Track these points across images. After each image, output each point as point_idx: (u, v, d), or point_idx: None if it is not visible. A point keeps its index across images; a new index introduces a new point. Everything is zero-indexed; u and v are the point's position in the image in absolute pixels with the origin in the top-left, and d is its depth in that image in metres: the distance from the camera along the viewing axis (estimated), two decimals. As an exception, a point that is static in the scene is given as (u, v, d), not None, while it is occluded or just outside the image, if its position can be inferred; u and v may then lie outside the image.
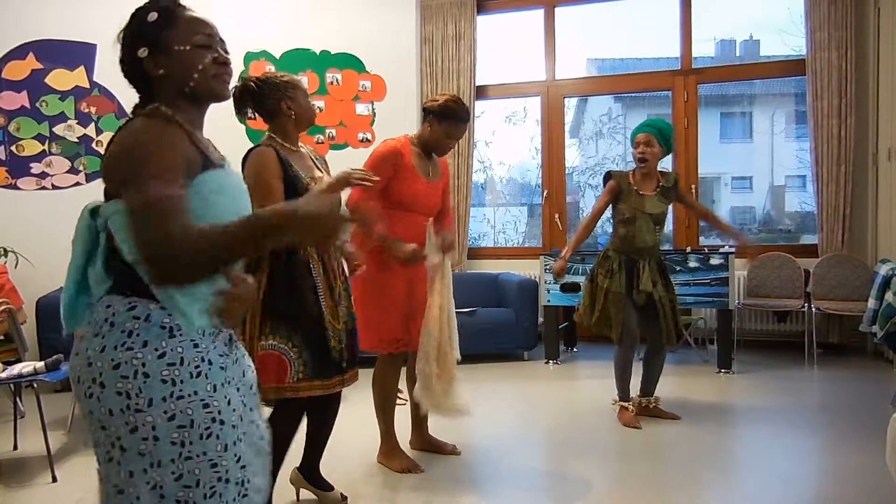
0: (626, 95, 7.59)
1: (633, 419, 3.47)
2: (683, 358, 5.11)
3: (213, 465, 1.24)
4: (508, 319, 5.04)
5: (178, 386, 1.21)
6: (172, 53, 1.29)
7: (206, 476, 1.23)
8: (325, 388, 2.29)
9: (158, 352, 1.22)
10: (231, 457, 1.27)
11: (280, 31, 5.59)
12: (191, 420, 1.21)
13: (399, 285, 2.81)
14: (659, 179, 3.47)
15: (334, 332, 2.29)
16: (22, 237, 4.91)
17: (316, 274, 2.29)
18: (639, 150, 3.38)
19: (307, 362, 2.23)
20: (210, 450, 1.23)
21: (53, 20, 5.25)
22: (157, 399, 1.20)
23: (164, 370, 1.21)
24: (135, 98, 1.37)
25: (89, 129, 5.33)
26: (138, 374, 1.20)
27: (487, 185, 6.96)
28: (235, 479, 1.28)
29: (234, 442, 1.28)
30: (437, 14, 5.75)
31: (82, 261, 1.30)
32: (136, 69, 1.32)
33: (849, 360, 4.87)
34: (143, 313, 1.23)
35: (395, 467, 2.92)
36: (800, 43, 5.43)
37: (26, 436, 3.39)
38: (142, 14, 1.31)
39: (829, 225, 5.08)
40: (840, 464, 2.96)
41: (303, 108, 2.35)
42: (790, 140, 7.67)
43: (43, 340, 4.42)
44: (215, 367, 1.28)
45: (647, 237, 3.42)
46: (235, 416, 1.30)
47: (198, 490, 1.23)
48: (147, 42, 1.29)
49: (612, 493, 2.69)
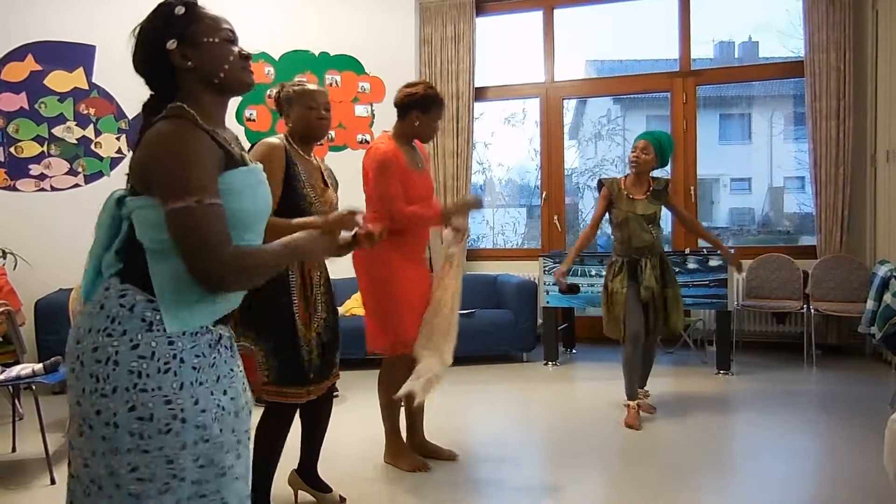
0: (625, 97, 7.59)
1: (635, 419, 3.50)
2: (682, 359, 5.11)
3: (168, 462, 1.25)
4: (507, 321, 5.04)
5: (144, 379, 1.24)
6: (202, 46, 1.33)
7: (161, 471, 1.25)
8: (291, 396, 2.26)
9: (132, 343, 1.24)
10: (188, 456, 1.27)
11: (279, 33, 5.59)
12: (150, 414, 1.23)
13: (407, 283, 2.80)
14: (650, 184, 3.63)
15: (306, 342, 2.27)
16: (21, 239, 4.90)
17: (293, 281, 2.27)
18: (634, 153, 3.58)
19: (272, 369, 2.23)
20: (167, 446, 1.25)
21: (52, 22, 5.25)
22: (121, 388, 1.23)
23: (133, 361, 1.24)
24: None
25: (88, 130, 5.33)
26: (110, 361, 1.23)
27: (486, 186, 6.96)
28: (192, 478, 1.28)
29: (195, 442, 1.28)
30: (436, 15, 5.76)
31: (104, 247, 1.34)
32: (160, 63, 1.34)
33: (847, 361, 4.88)
34: (130, 302, 1.27)
35: (405, 467, 2.91)
36: (798, 45, 5.45)
37: (25, 438, 3.39)
38: (168, 8, 1.34)
39: (828, 226, 5.08)
40: (838, 465, 2.97)
41: (300, 119, 2.37)
42: (789, 141, 7.68)
43: (41, 342, 4.42)
44: (187, 367, 1.28)
45: (644, 236, 3.56)
46: (204, 416, 1.29)
47: (151, 484, 1.25)
48: (175, 34, 1.33)
49: (610, 494, 2.69)
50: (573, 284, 4.78)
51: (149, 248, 1.29)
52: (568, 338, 5.39)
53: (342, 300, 5.10)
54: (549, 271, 4.94)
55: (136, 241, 1.30)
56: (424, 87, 2.87)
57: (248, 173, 1.37)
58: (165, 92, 1.36)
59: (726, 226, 8.45)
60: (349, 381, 4.08)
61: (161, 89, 1.37)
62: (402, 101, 2.87)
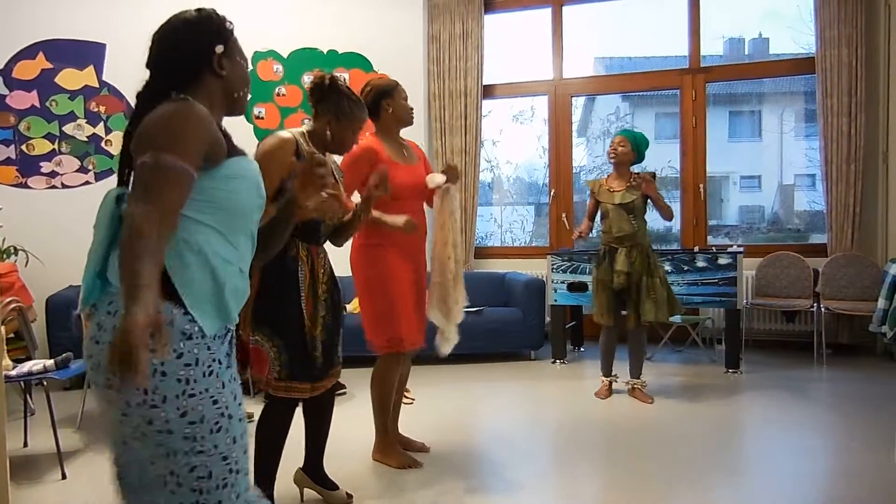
0: (633, 94, 7.56)
1: (602, 391, 4.03)
2: (691, 358, 5.09)
3: (224, 458, 1.31)
4: (515, 319, 5.03)
5: (192, 385, 1.27)
6: (235, 63, 1.44)
7: (218, 468, 1.30)
8: (299, 391, 2.27)
9: (177, 353, 1.26)
10: (240, 448, 1.34)
11: (288, 31, 5.61)
12: (202, 416, 1.28)
13: (401, 282, 2.82)
14: (631, 177, 3.86)
15: (312, 339, 2.28)
16: (32, 236, 4.94)
17: (302, 278, 2.27)
18: (611, 147, 3.93)
19: (284, 364, 2.23)
20: (220, 443, 1.30)
21: (63, 20, 5.29)
22: (171, 396, 1.25)
23: (180, 371, 1.26)
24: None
25: (98, 128, 5.36)
26: (157, 373, 1.24)
27: (494, 184, 6.95)
28: (244, 470, 1.36)
29: (242, 434, 1.35)
30: (444, 13, 5.75)
31: (103, 247, 1.33)
32: (192, 60, 1.39)
33: (858, 360, 4.84)
34: (168, 318, 1.25)
35: (394, 464, 2.94)
36: (809, 41, 5.40)
37: (36, 433, 3.42)
38: (219, 18, 1.44)
39: (839, 224, 5.04)
40: (849, 464, 2.95)
41: (341, 137, 2.37)
42: (799, 139, 7.62)
43: (53, 338, 4.46)
44: (223, 367, 1.34)
45: (624, 226, 3.83)
46: (241, 409, 1.37)
47: (211, 481, 1.29)
48: (223, 42, 1.42)
49: (619, 491, 2.69)
50: (581, 282, 4.79)
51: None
52: (576, 336, 5.38)
53: (350, 297, 5.11)
54: (556, 269, 4.94)
55: None
56: (373, 79, 2.96)
57: (246, 162, 1.41)
58: (174, 89, 1.37)
59: (736, 223, 8.40)
60: (356, 378, 4.09)
61: (176, 84, 1.38)
62: (367, 101, 2.74)
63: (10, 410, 3.46)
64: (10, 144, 5.26)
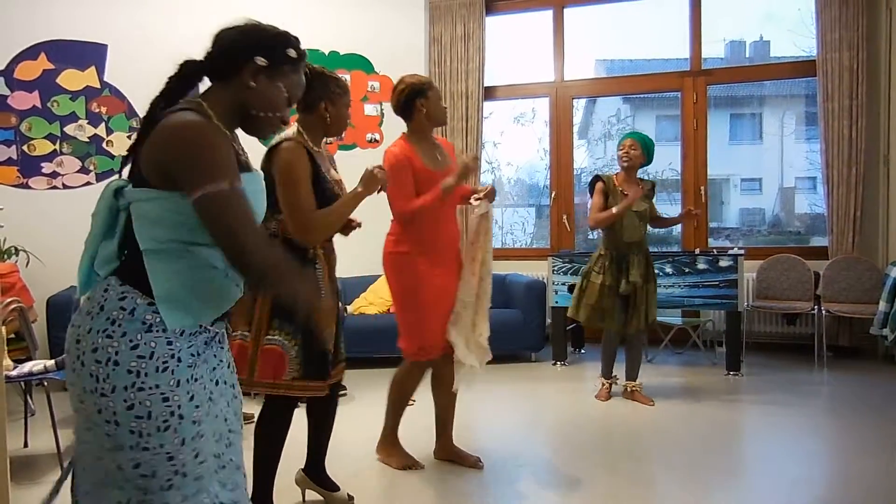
0: (635, 96, 7.56)
1: (602, 394, 4.00)
2: (692, 360, 5.09)
3: (169, 459, 1.28)
4: (516, 320, 5.03)
5: (142, 378, 1.26)
6: (273, 85, 1.40)
7: (163, 468, 1.27)
8: (314, 389, 2.29)
9: (132, 343, 1.26)
10: (189, 451, 1.30)
11: (289, 32, 5.60)
12: (149, 412, 1.26)
13: (434, 290, 2.77)
14: (640, 182, 3.84)
15: (329, 336, 2.31)
16: (33, 236, 4.94)
17: (321, 276, 2.29)
18: (623, 150, 3.81)
19: (303, 363, 2.24)
20: (167, 443, 1.27)
21: (65, 21, 5.29)
22: (120, 387, 1.25)
23: (132, 362, 1.26)
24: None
25: (100, 129, 5.36)
26: (110, 362, 1.25)
27: (495, 185, 6.93)
28: (194, 474, 1.31)
29: (193, 437, 1.31)
30: (445, 15, 5.76)
31: (100, 238, 1.35)
32: (234, 58, 1.38)
33: (859, 363, 4.84)
34: (130, 306, 1.28)
35: (396, 465, 2.94)
36: (810, 44, 5.40)
37: (37, 434, 3.42)
38: (285, 40, 1.45)
39: (840, 227, 5.04)
40: (849, 467, 2.94)
41: (338, 116, 2.36)
42: (800, 141, 7.61)
43: (53, 339, 4.45)
44: (183, 365, 1.31)
45: (635, 233, 3.77)
46: (199, 412, 1.32)
47: (154, 480, 1.27)
48: (268, 58, 1.38)
49: (619, 493, 2.68)
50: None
51: (147, 251, 1.29)
52: (577, 338, 5.38)
53: (351, 298, 5.11)
54: (557, 271, 4.94)
55: (135, 240, 1.30)
56: (407, 77, 2.88)
57: (254, 178, 1.40)
58: (212, 77, 1.38)
59: (737, 226, 8.39)
60: (357, 380, 4.09)
61: (208, 73, 1.39)
62: (400, 100, 2.82)
63: (10, 411, 3.45)
64: (12, 145, 5.26)
